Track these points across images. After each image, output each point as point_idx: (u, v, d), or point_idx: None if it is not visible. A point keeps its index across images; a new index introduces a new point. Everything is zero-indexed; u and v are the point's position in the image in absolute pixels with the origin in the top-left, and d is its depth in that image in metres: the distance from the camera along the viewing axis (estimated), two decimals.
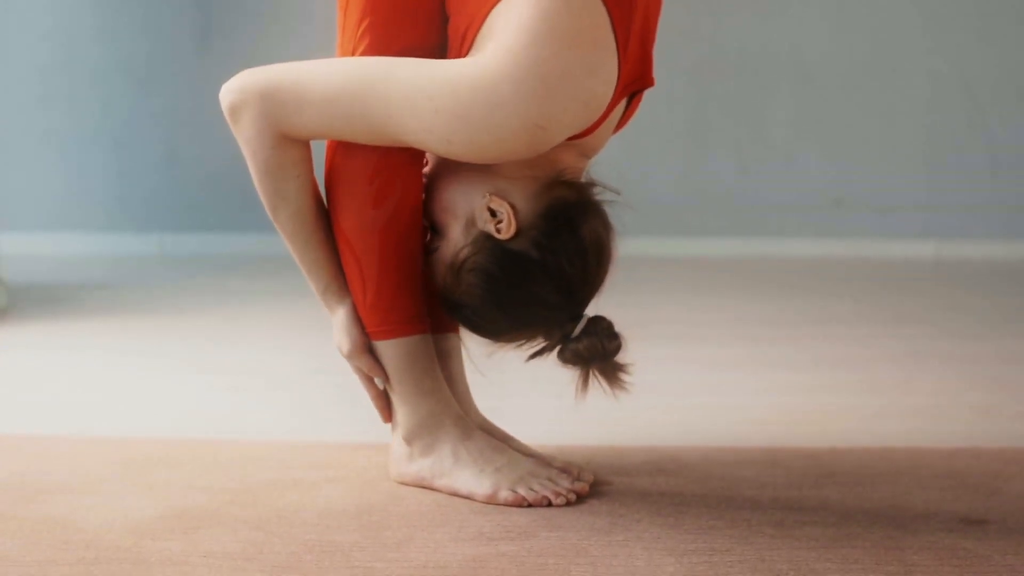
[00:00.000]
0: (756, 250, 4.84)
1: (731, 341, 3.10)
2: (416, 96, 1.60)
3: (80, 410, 2.35)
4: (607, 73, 1.63)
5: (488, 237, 1.67)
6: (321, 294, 1.79)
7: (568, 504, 1.71)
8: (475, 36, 1.65)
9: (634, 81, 1.71)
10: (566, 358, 1.66)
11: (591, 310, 1.69)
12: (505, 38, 1.59)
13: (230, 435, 2.13)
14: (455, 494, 1.76)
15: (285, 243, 1.77)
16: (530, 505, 1.70)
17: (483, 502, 1.73)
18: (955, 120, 4.88)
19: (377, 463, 1.90)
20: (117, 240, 4.83)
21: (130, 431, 2.16)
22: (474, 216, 1.68)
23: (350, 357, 1.79)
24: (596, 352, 1.65)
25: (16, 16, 4.79)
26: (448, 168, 1.73)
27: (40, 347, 3.00)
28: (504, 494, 1.72)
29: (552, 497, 1.71)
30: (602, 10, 1.61)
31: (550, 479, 1.75)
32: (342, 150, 1.73)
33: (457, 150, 1.61)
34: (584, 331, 1.65)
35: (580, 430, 2.14)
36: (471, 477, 1.75)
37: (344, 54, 1.73)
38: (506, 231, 1.65)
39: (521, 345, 1.69)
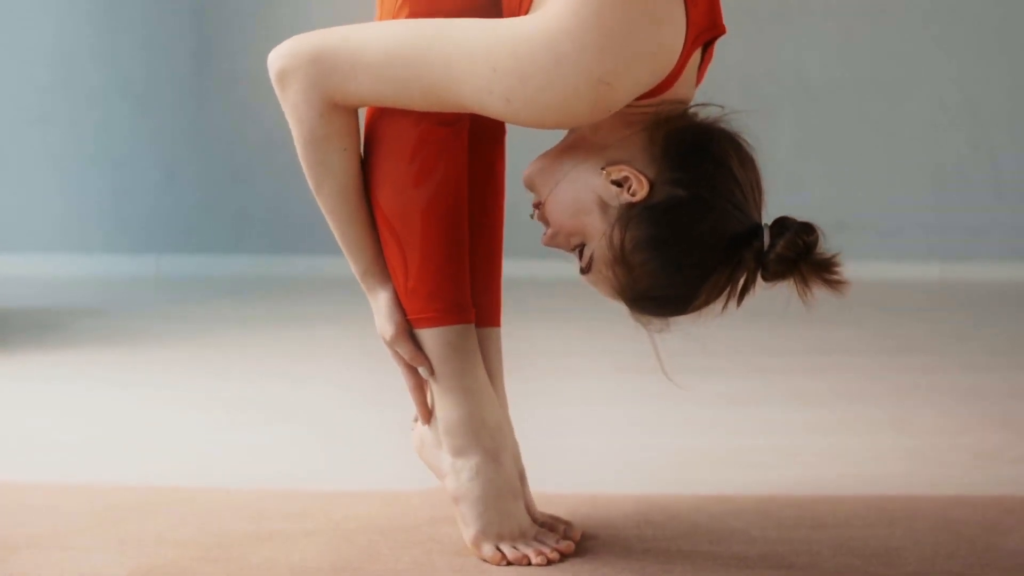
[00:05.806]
0: None
1: (729, 373, 3.04)
2: (474, 55, 1.52)
3: (58, 451, 2.29)
4: (674, 21, 1.53)
5: (630, 206, 1.56)
6: (361, 276, 1.69)
7: (549, 563, 1.66)
8: None
9: (705, 29, 1.60)
10: (772, 272, 1.54)
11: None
12: None
13: (211, 477, 2.08)
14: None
15: (326, 219, 1.66)
16: (509, 563, 1.65)
17: (466, 542, 1.68)
18: (960, 142, 4.83)
19: (356, 514, 1.85)
20: (114, 261, 4.80)
21: (108, 475, 2.12)
22: (603, 199, 1.58)
23: (393, 343, 1.69)
24: (798, 248, 1.53)
25: (14, 36, 4.76)
26: (549, 178, 1.62)
27: (26, 379, 2.95)
28: (486, 548, 1.67)
29: (533, 556, 1.65)
30: None
31: (535, 538, 1.69)
32: (381, 125, 1.64)
33: (518, 110, 1.52)
34: (774, 236, 1.54)
35: (571, 472, 2.09)
36: (470, 510, 1.68)
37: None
38: (641, 190, 1.55)
39: (727, 297, 1.58)
